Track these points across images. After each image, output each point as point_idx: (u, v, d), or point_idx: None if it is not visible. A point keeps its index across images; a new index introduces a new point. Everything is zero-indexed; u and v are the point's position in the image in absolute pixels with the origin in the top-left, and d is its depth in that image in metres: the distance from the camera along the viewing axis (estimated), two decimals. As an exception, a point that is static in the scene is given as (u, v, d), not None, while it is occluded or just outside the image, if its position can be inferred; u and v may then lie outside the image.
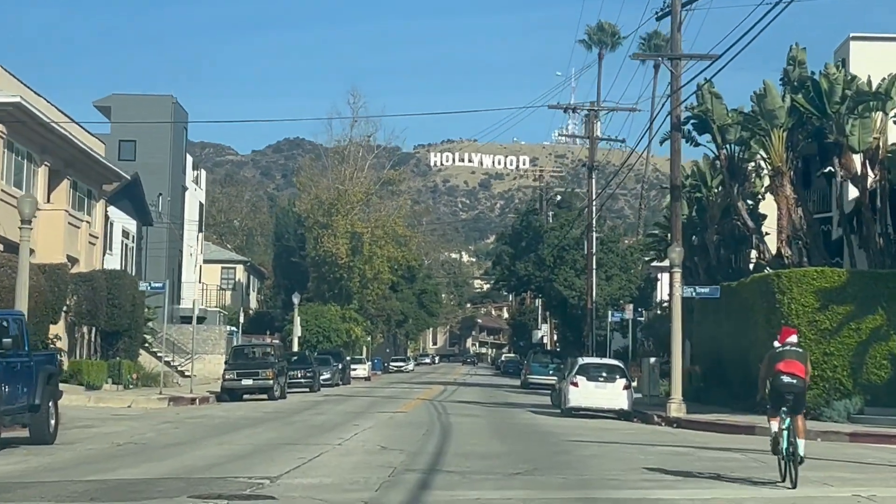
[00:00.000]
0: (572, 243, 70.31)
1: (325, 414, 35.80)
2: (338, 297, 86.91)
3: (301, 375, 58.80)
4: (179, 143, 70.48)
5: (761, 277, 36.78)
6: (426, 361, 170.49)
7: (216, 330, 67.14)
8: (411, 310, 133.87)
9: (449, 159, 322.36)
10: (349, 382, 75.02)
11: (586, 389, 38.56)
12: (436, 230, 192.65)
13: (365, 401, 47.87)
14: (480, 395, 57.71)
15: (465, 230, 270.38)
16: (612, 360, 41.80)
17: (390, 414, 35.80)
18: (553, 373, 71.50)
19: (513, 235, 73.39)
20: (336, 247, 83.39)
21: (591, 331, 64.59)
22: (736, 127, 39.33)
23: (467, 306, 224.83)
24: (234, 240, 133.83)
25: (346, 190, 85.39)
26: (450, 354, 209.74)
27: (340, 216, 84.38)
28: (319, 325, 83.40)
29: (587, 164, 64.88)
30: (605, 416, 39.06)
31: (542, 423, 33.84)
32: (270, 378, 48.03)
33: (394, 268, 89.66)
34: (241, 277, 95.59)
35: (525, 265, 70.74)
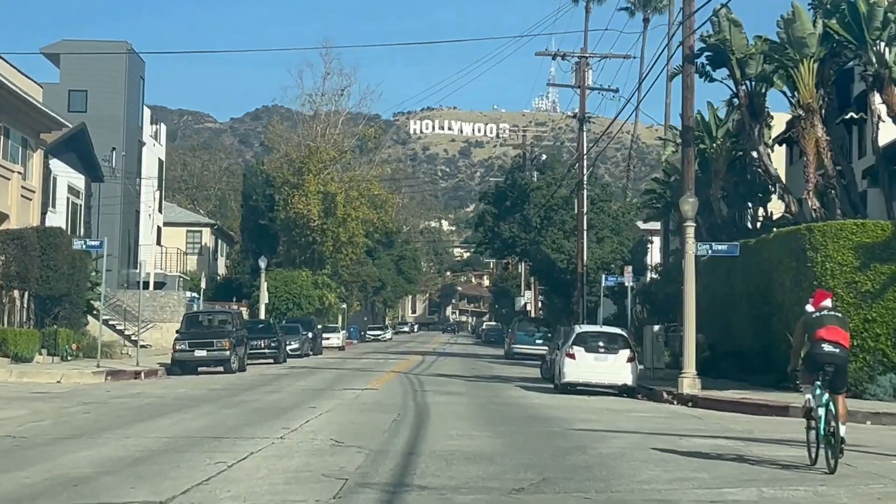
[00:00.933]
0: (561, 203, 65.12)
1: (281, 391, 30.61)
2: (310, 261, 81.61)
3: (264, 345, 53.64)
4: (135, 94, 64.98)
5: (789, 233, 31.67)
6: (405, 330, 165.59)
7: (175, 296, 61.86)
8: (389, 276, 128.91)
9: (429, 127, 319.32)
10: (320, 353, 69.91)
11: (584, 362, 33.50)
12: (415, 197, 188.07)
13: (332, 374, 42.74)
14: (462, 367, 52.67)
15: (445, 198, 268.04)
16: (613, 328, 36.70)
17: (357, 391, 30.65)
18: (540, 342, 66.55)
19: (496, 195, 68.21)
20: (307, 208, 78.03)
21: (581, 297, 59.52)
22: (757, 58, 34.08)
23: (447, 274, 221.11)
24: (207, 205, 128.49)
25: (317, 147, 79.90)
26: (429, 323, 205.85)
27: (312, 175, 78.96)
28: (290, 291, 78.14)
29: (577, 115, 59.64)
30: (606, 392, 34.01)
31: (537, 402, 28.74)
32: (227, 349, 42.86)
33: (370, 231, 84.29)
34: (207, 241, 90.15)
35: (510, 226, 65.54)
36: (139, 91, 66.28)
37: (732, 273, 37.64)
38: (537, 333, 67.30)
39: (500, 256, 72.25)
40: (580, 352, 33.67)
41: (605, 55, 60.23)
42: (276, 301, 77.82)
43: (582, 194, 59.72)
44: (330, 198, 79.42)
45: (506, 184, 67.81)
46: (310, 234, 79.37)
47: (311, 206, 78.09)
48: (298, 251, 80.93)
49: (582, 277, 59.54)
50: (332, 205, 79.48)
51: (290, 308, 78.00)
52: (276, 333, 54.83)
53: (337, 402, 26.13)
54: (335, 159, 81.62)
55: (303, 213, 78.25)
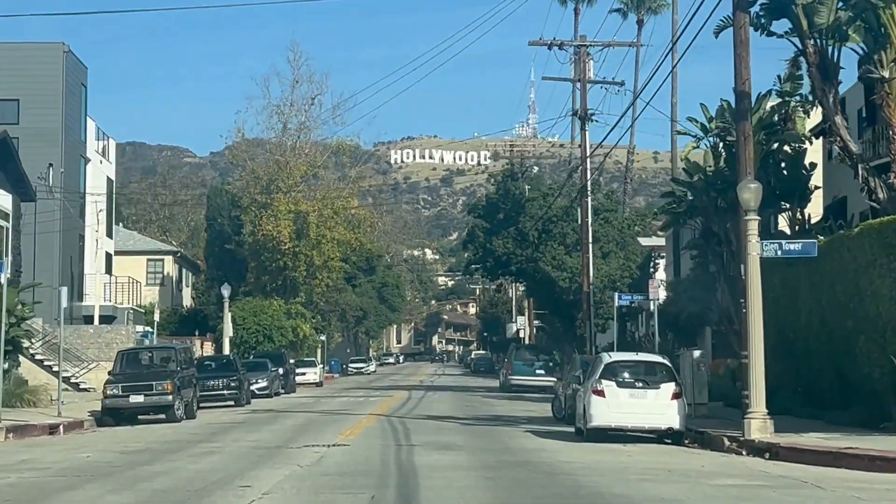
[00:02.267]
0: (560, 214, 57.54)
1: (219, 452, 22.83)
2: (281, 289, 73.89)
3: (223, 386, 45.91)
4: (76, 103, 57.28)
5: (886, 224, 24.08)
6: (390, 361, 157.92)
7: (124, 331, 53.99)
8: (371, 305, 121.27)
9: (409, 156, 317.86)
10: (294, 390, 62.18)
11: (617, 401, 25.85)
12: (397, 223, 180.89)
13: (298, 421, 34.98)
14: (454, 405, 44.99)
15: (428, 227, 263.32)
16: (652, 356, 29.02)
17: (321, 450, 22.90)
18: (542, 372, 59.01)
19: (487, 207, 60.55)
20: (277, 229, 70.33)
21: (588, 319, 51.93)
22: (830, 4, 26.53)
23: (432, 303, 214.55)
24: (180, 236, 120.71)
25: (286, 162, 72.23)
26: (415, 353, 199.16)
27: (281, 193, 71.30)
28: (259, 322, 70.32)
29: (578, 112, 52.20)
30: (643, 438, 26.39)
31: (565, 460, 21.06)
32: (169, 392, 35.13)
33: (347, 254, 76.55)
34: (170, 271, 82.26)
35: (503, 242, 57.90)
36: (80, 100, 58.54)
37: (794, 282, 30.09)
38: (537, 363, 59.71)
39: (494, 276, 64.54)
40: (611, 388, 26.03)
41: (608, 43, 52.88)
42: (243, 334, 70.01)
43: (585, 202, 52.24)
44: (302, 218, 71.78)
45: (497, 195, 60.23)
46: (281, 258, 71.68)
47: (281, 227, 70.45)
48: (269, 278, 73.24)
49: (588, 297, 52.01)
50: (305, 225, 71.84)
51: (261, 341, 70.20)
52: (236, 371, 47.05)
53: (287, 471, 18.40)
54: (306, 175, 73.92)
55: (272, 235, 70.60)
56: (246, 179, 73.30)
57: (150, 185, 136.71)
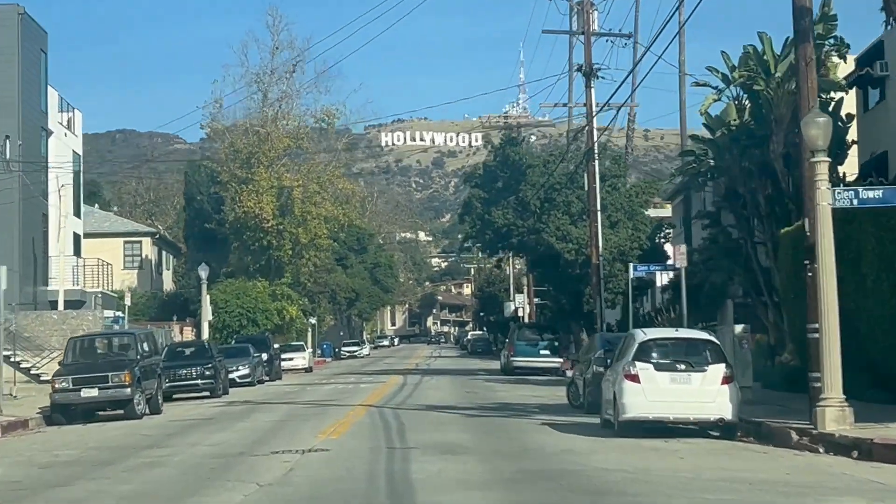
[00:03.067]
0: (564, 181, 52.80)
1: (164, 464, 18.17)
2: (265, 269, 69.20)
3: (196, 375, 41.27)
4: (34, 70, 52.49)
5: None
6: (384, 344, 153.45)
7: (90, 317, 49.29)
8: (363, 286, 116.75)
9: (400, 139, 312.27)
10: (279, 377, 57.60)
11: (656, 387, 21.26)
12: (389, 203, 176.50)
13: (276, 415, 30.36)
14: (455, 392, 40.39)
15: (420, 210, 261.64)
16: (696, 332, 24.34)
17: (294, 458, 18.27)
18: (547, 353, 54.50)
19: (485, 175, 55.72)
20: (259, 206, 65.60)
21: (598, 294, 47.30)
22: None
23: (426, 284, 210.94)
24: (166, 220, 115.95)
25: (268, 134, 67.45)
26: (410, 335, 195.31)
27: (263, 168, 66.56)
28: (242, 305, 65.70)
29: (583, 68, 47.50)
30: (688, 431, 21.85)
31: (600, 464, 16.47)
32: (127, 384, 30.49)
33: (335, 230, 71.80)
34: (148, 253, 77.51)
35: (503, 212, 53.14)
36: (40, 67, 53.73)
37: (855, 242, 25.45)
38: (541, 343, 55.12)
39: (493, 250, 59.66)
40: (648, 371, 21.42)
41: (615, -9, 47.93)
42: (225, 318, 65.42)
43: (592, 166, 47.55)
44: (285, 193, 67.05)
45: (495, 162, 55.37)
46: (264, 236, 66.95)
47: (263, 203, 65.72)
48: (252, 258, 68.51)
49: (597, 270, 47.38)
50: (289, 201, 67.11)
51: (244, 325, 65.61)
52: (211, 358, 42.37)
53: (238, 496, 13.77)
54: (290, 148, 69.15)
55: (254, 212, 65.87)
56: (225, 153, 68.48)
57: (134, 167, 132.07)
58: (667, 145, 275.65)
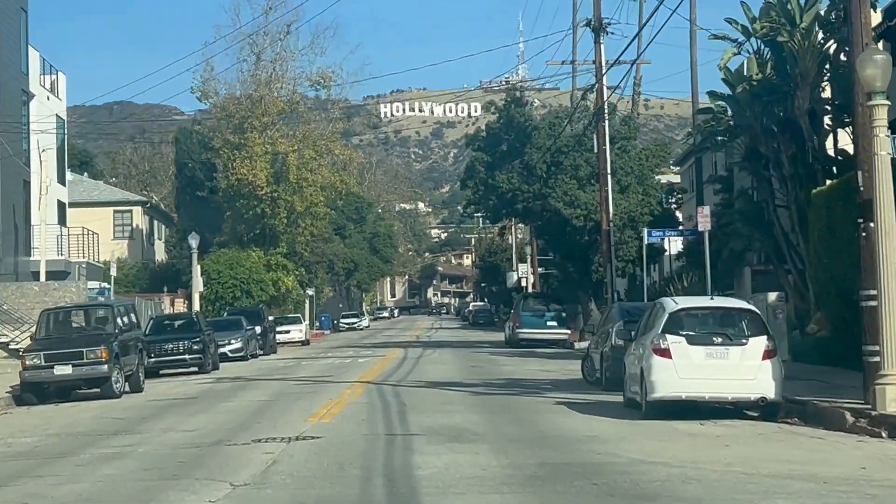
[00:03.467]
0: (572, 143, 50.14)
1: (128, 455, 15.70)
2: (260, 239, 66.65)
3: (183, 349, 38.80)
4: (12, 29, 49.82)
5: None
6: (384, 315, 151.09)
7: (73, 288, 46.79)
8: (362, 256, 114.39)
9: (399, 110, 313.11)
10: (274, 351, 55.23)
11: (690, 362, 18.79)
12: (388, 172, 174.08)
13: (264, 394, 27.95)
14: (459, 366, 37.98)
15: (420, 180, 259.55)
16: (733, 301, 21.84)
17: (278, 448, 15.80)
18: (554, 324, 52.14)
19: (489, 138, 52.96)
20: (253, 172, 63.00)
21: (609, 262, 44.82)
22: None
23: (426, 255, 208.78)
24: (161, 190, 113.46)
25: (261, 97, 64.81)
26: (410, 307, 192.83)
27: (256, 133, 63.90)
28: (236, 276, 63.25)
29: (591, 22, 44.86)
30: (722, 412, 19.40)
31: (636, 455, 14.03)
32: (104, 360, 28.01)
33: (332, 198, 69.16)
34: (139, 223, 75.06)
35: (507, 177, 50.48)
36: (19, 26, 51.06)
37: None
38: (548, 314, 52.66)
39: (496, 217, 56.88)
40: (680, 345, 18.94)
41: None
42: (218, 289, 63.02)
43: (602, 127, 44.98)
44: (280, 160, 64.42)
45: (499, 123, 52.64)
46: (258, 204, 64.36)
47: (256, 169, 63.10)
48: (245, 227, 65.95)
49: (608, 236, 44.88)
50: (283, 168, 64.50)
51: (238, 297, 63.18)
52: (199, 332, 39.87)
53: (207, 501, 11.31)
54: (284, 112, 66.49)
55: (248, 179, 63.27)
56: (217, 117, 65.83)
57: (129, 136, 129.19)
58: (667, 115, 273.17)
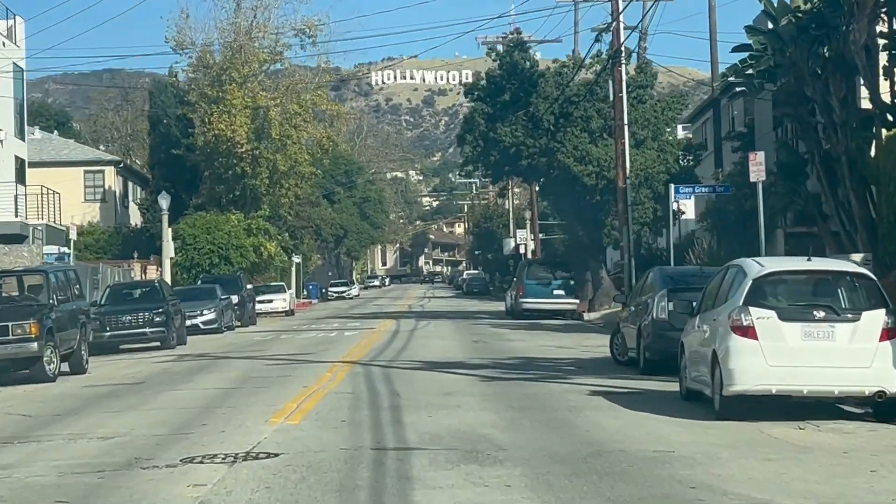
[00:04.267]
0: (583, 92, 45.10)
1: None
2: (240, 201, 61.57)
3: (143, 322, 33.83)
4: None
5: None
6: (375, 284, 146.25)
7: (27, 253, 41.81)
8: (351, 222, 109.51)
9: (390, 77, 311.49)
10: (254, 322, 50.39)
11: (783, 345, 13.91)
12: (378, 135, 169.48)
13: (226, 377, 23.04)
14: (459, 341, 33.06)
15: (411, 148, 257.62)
16: (837, 263, 16.80)
17: (220, 469, 10.89)
18: (561, 293, 47.36)
19: (489, 86, 47.65)
20: (232, 128, 57.85)
21: (626, 224, 39.94)
22: None
23: (417, 223, 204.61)
24: (143, 155, 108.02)
25: (240, 46, 59.59)
26: (401, 275, 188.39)
27: (235, 86, 58.71)
28: (214, 241, 58.19)
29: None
30: (823, 410, 14.49)
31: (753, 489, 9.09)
32: (33, 337, 23.05)
33: (318, 156, 63.95)
34: (112, 184, 69.87)
35: (511, 129, 45.36)
36: (-33, -40, 45.89)
37: None
38: (554, 282, 47.74)
39: (498, 175, 51.39)
40: (769, 321, 14.01)
41: None
42: (194, 255, 57.99)
43: (619, 72, 39.98)
44: (261, 114, 59.22)
45: (501, 70, 47.48)
46: (238, 163, 59.18)
47: (236, 125, 57.90)
48: (224, 188, 60.83)
49: (624, 195, 40.00)
50: (265, 123, 59.30)
51: (216, 263, 58.13)
52: (162, 301, 34.86)
53: None
54: (267, 63, 61.29)
55: (226, 135, 58.09)
56: (193, 68, 60.60)
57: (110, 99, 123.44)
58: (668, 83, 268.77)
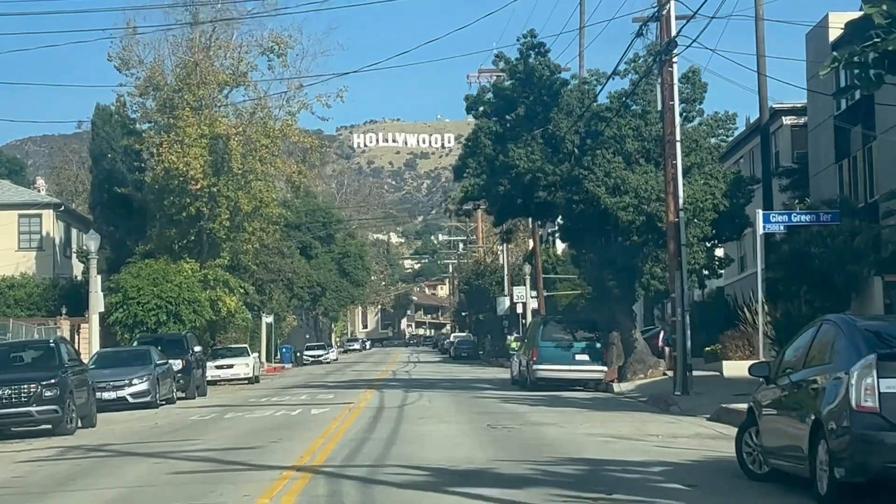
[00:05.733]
0: (616, 106, 35.82)
1: None
2: (195, 248, 52.10)
3: (27, 398, 24.20)
4: None
5: None
6: (355, 348, 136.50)
7: None
8: (330, 279, 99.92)
9: (372, 140, 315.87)
10: (203, 392, 40.98)
11: None
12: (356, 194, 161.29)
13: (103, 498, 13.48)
14: (469, 425, 23.36)
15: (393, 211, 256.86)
16: None
17: None
18: (586, 358, 38.03)
19: (499, 100, 37.74)
20: (185, 160, 48.43)
21: (679, 268, 30.62)
22: None
23: (399, 285, 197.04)
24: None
25: (196, 64, 50.21)
26: (383, 338, 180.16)
27: (190, 110, 49.39)
28: (161, 294, 48.59)
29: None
30: None
31: None
32: None
33: (290, 195, 54.32)
34: (50, 230, 60.37)
35: (526, 152, 35.93)
36: None
37: None
38: (576, 344, 38.25)
39: (504, 214, 40.95)
40: None
41: None
42: (136, 310, 48.43)
43: (670, 72, 30.92)
44: (220, 144, 49.86)
45: (514, 80, 37.99)
46: (192, 202, 49.73)
47: (189, 157, 48.47)
48: (177, 232, 51.22)
49: (677, 232, 30.76)
50: (225, 155, 49.92)
51: (164, 321, 48.55)
52: (57, 369, 25.21)
53: None
54: (227, 86, 51.85)
55: (179, 168, 48.63)
56: (140, 90, 51.08)
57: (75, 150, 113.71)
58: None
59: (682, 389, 30.86)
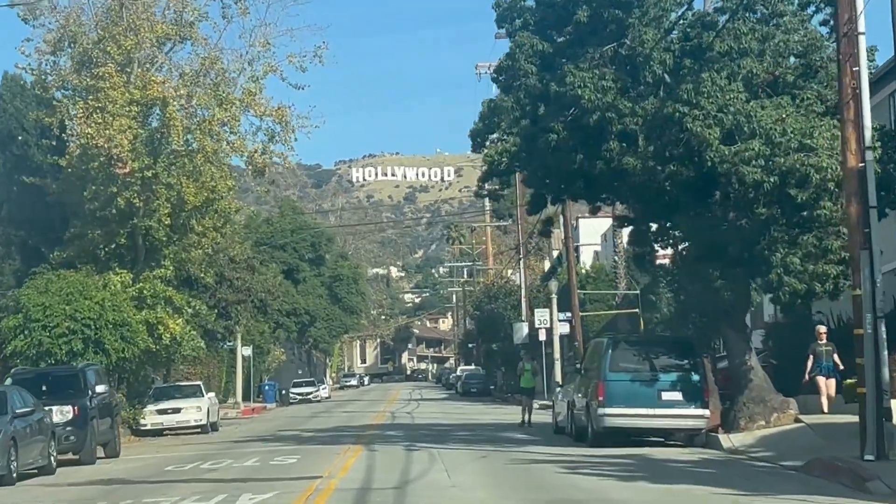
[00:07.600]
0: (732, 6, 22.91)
1: None
2: (127, 254, 39.29)
3: None
4: None
5: None
6: (351, 384, 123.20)
7: None
8: (320, 306, 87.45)
9: (371, 174, 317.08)
10: (115, 452, 28.40)
11: None
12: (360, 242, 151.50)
13: None
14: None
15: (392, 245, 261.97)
16: None
17: None
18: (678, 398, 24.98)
19: (547, 6, 24.34)
20: (108, 135, 35.60)
21: (867, 246, 17.77)
22: None
23: (399, 318, 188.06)
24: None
25: (122, 5, 37.06)
26: (382, 373, 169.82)
27: (115, 66, 36.62)
28: (77, 315, 35.53)
29: None
30: None
31: None
32: None
33: (253, 183, 41.31)
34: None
35: (591, 76, 22.84)
36: None
37: None
38: (664, 377, 25.19)
39: (562, 180, 26.59)
40: None
41: None
42: (42, 337, 35.43)
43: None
44: (156, 112, 37.19)
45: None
46: (121, 191, 36.92)
47: (114, 130, 35.67)
48: (102, 233, 38.39)
49: (861, 184, 18.01)
50: (164, 128, 37.12)
51: (81, 350, 35.53)
52: None
53: None
54: (169, 38, 38.90)
55: (100, 146, 35.85)
56: (52, 45, 38.06)
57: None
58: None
59: (876, 451, 18.39)
